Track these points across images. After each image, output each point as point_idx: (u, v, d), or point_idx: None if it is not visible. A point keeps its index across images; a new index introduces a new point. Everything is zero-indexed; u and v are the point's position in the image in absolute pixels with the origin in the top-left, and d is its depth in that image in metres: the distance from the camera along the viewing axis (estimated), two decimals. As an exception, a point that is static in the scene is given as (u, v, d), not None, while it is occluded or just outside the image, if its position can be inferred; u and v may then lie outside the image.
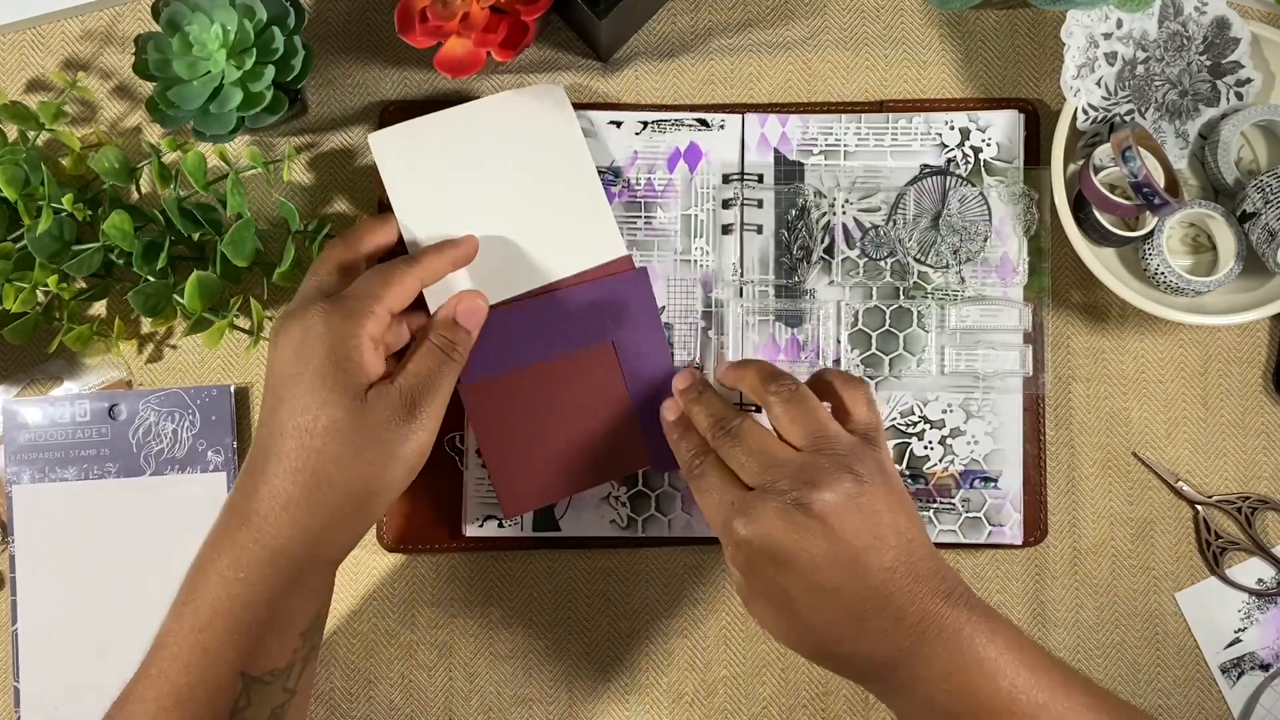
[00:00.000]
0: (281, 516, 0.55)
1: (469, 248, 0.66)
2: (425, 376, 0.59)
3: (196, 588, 0.56)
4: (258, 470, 0.56)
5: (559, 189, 0.68)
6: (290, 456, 0.56)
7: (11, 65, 0.73)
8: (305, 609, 0.57)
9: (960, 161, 0.70)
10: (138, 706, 0.54)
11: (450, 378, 0.61)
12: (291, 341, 0.57)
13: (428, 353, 0.60)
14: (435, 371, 0.60)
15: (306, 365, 0.56)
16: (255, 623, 0.55)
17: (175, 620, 0.55)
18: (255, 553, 0.55)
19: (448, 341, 0.61)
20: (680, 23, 0.73)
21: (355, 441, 0.56)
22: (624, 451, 0.67)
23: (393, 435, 0.57)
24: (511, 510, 0.67)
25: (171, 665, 0.54)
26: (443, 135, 0.68)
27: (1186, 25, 0.68)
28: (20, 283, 0.65)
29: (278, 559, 0.55)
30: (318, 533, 0.56)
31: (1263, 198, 0.66)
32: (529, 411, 0.67)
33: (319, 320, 0.57)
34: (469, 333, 0.63)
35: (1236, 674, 0.70)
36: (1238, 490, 0.71)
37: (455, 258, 0.65)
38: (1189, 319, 0.67)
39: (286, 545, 0.56)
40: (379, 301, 0.59)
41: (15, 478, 0.70)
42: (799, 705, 0.70)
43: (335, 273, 0.62)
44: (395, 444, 0.57)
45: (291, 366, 0.57)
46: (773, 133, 0.71)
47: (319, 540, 0.56)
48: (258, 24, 0.64)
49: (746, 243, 0.70)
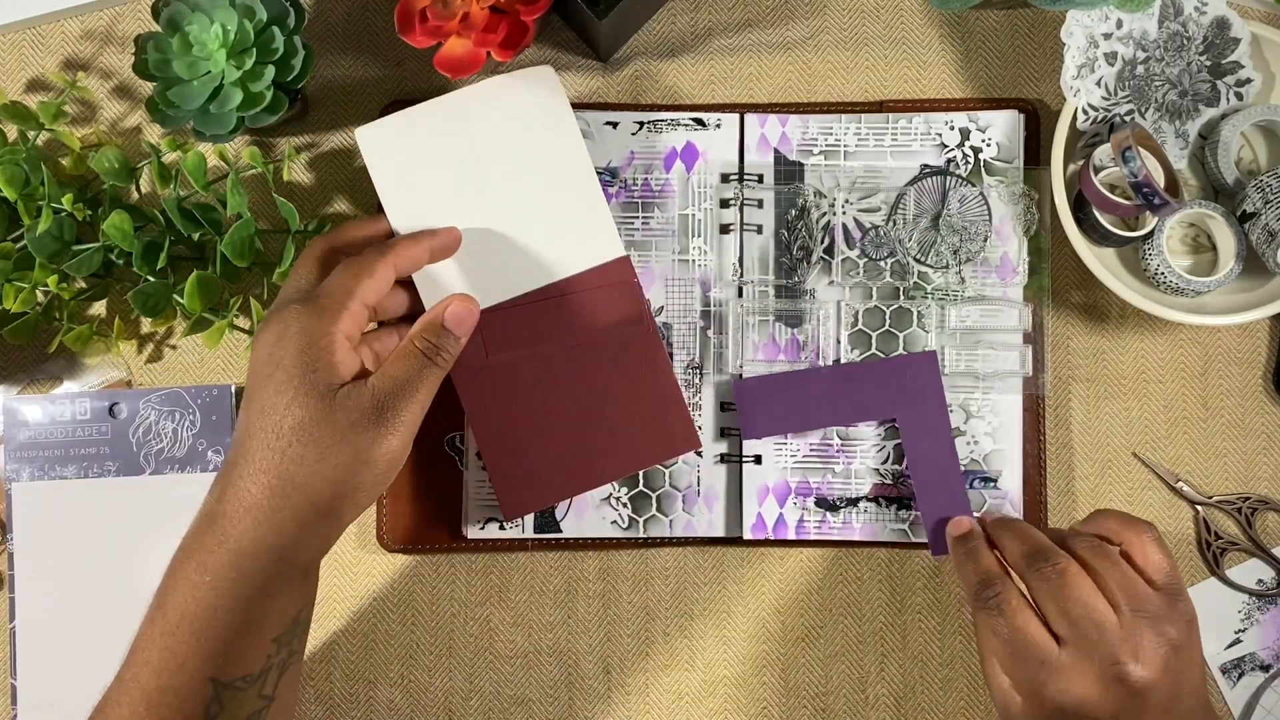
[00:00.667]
0: (246, 520, 0.54)
1: (449, 238, 0.64)
2: (402, 380, 0.57)
3: (166, 592, 0.54)
4: (226, 473, 0.55)
5: (555, 187, 0.67)
6: (256, 458, 0.54)
7: (11, 65, 0.73)
8: (278, 613, 0.56)
9: (960, 161, 0.70)
10: (113, 711, 0.54)
11: (431, 383, 0.58)
12: (267, 343, 0.56)
13: (408, 355, 0.58)
14: (414, 376, 0.58)
15: (278, 366, 0.55)
16: (222, 627, 0.53)
17: (148, 625, 0.54)
18: (221, 556, 0.54)
19: (431, 345, 0.59)
20: (680, 23, 0.73)
21: (322, 443, 0.54)
22: (625, 452, 0.67)
23: (360, 438, 0.55)
24: (512, 513, 0.67)
25: (143, 670, 0.53)
26: (433, 127, 0.67)
27: (1186, 25, 0.68)
28: (20, 283, 0.65)
29: (243, 563, 0.54)
30: (285, 536, 0.55)
31: (1263, 198, 0.66)
32: (528, 412, 0.66)
33: (293, 319, 0.56)
34: (457, 339, 0.60)
35: (1237, 674, 0.70)
36: (1238, 490, 0.71)
37: (434, 247, 0.63)
38: (1189, 319, 0.67)
39: (251, 549, 0.54)
40: (350, 296, 0.57)
41: (15, 475, 0.70)
42: (799, 705, 0.70)
43: (315, 271, 0.60)
44: (364, 447, 0.55)
45: (265, 367, 0.56)
46: (773, 133, 0.71)
47: (286, 544, 0.55)
48: (258, 24, 0.64)
49: (746, 242, 0.70)
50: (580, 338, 0.66)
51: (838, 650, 0.71)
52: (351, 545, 0.71)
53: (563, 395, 0.66)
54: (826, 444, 0.69)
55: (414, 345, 0.59)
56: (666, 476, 0.69)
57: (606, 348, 0.66)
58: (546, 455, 0.66)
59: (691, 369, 0.70)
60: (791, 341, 0.70)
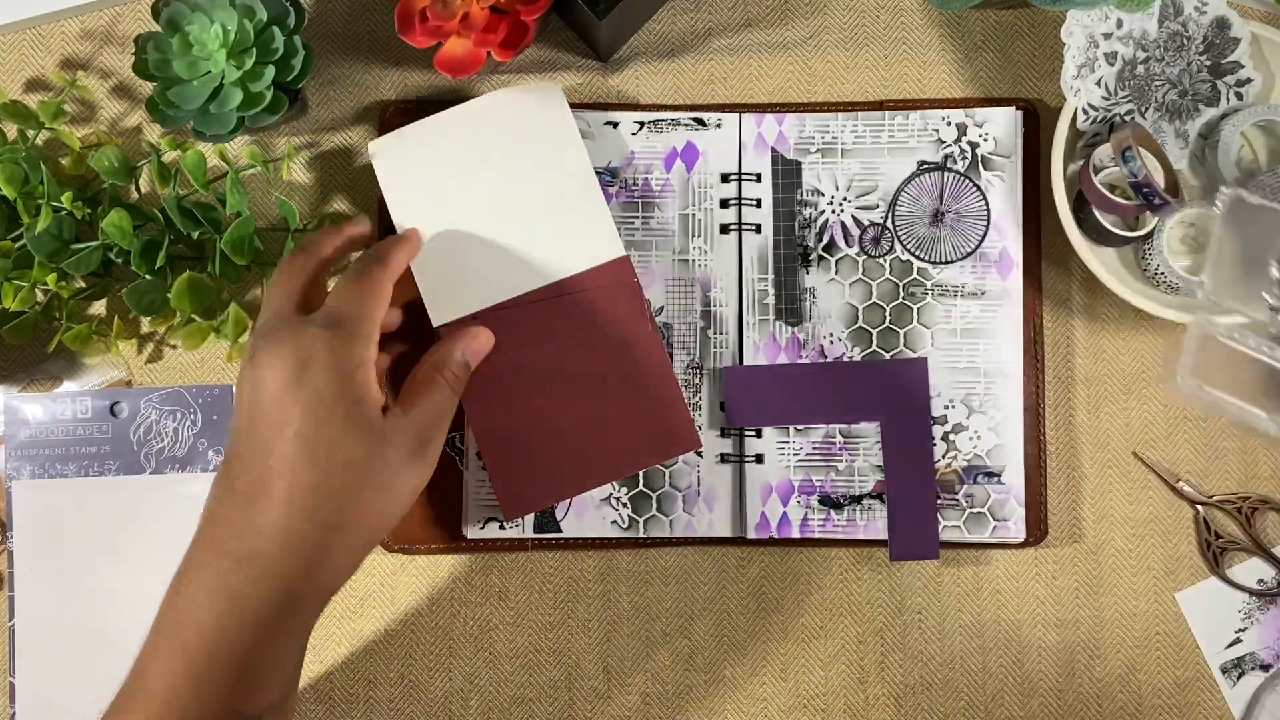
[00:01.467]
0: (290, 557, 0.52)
1: (416, 240, 0.65)
2: (437, 413, 0.58)
3: (184, 619, 0.52)
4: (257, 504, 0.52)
5: (557, 190, 0.67)
6: (298, 497, 0.52)
7: (11, 65, 0.73)
8: (300, 640, 0.55)
9: (957, 157, 0.70)
10: None
11: (453, 413, 0.60)
12: (285, 367, 0.53)
13: (438, 386, 0.59)
14: (446, 408, 0.59)
15: (316, 398, 0.53)
16: (251, 665, 0.52)
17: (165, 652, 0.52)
18: (257, 595, 0.52)
19: (457, 379, 0.60)
20: (680, 23, 0.73)
21: (376, 479, 0.54)
22: (626, 451, 0.67)
23: (409, 472, 0.55)
24: (512, 514, 0.67)
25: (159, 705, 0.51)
26: (440, 139, 0.68)
27: (1186, 25, 0.68)
28: (19, 281, 0.65)
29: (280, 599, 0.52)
30: (328, 570, 0.53)
31: (1263, 197, 0.66)
32: (528, 412, 0.67)
33: (320, 348, 0.54)
34: (471, 370, 0.62)
35: (1237, 674, 0.70)
36: (1238, 490, 0.71)
37: (410, 251, 0.64)
38: (1189, 319, 0.67)
39: (294, 586, 0.52)
40: (373, 321, 0.57)
41: (15, 473, 0.70)
42: (799, 705, 0.70)
43: (303, 283, 0.59)
44: (410, 481, 0.56)
45: (290, 394, 0.53)
46: (770, 132, 0.71)
47: (327, 577, 0.54)
48: (258, 24, 0.64)
49: (745, 242, 0.70)
50: (580, 337, 0.66)
51: (837, 650, 0.71)
52: (351, 545, 0.71)
53: (563, 395, 0.66)
54: (829, 442, 0.69)
55: (443, 377, 0.59)
56: (666, 476, 0.69)
57: (607, 347, 0.67)
58: (547, 455, 0.66)
59: (691, 369, 0.70)
60: (792, 340, 0.70)
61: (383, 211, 0.71)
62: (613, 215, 0.69)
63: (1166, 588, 0.71)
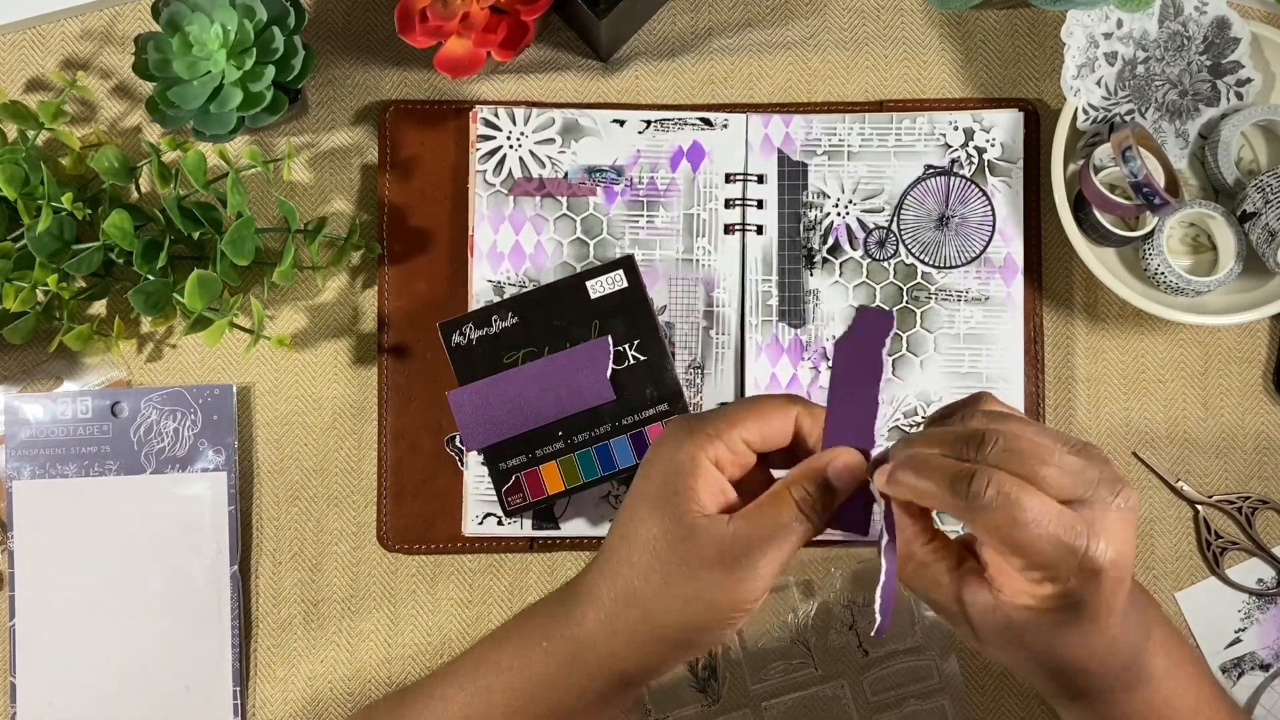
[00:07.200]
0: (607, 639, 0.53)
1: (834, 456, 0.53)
2: (768, 527, 0.51)
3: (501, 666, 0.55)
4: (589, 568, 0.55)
5: None
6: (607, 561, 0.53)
7: (11, 65, 0.73)
8: None
9: (964, 162, 0.70)
10: None
11: (799, 538, 0.51)
12: (646, 458, 0.54)
13: (779, 502, 0.51)
14: (783, 526, 0.50)
15: (646, 479, 0.53)
16: None
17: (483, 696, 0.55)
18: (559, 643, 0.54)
19: (808, 496, 0.51)
20: (680, 23, 0.73)
21: (669, 568, 0.51)
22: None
23: (708, 577, 0.50)
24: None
25: None
26: None
27: (1186, 25, 0.68)
28: (20, 282, 0.65)
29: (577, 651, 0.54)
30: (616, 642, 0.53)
31: (1263, 198, 0.66)
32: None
33: (670, 439, 0.53)
34: (837, 495, 0.52)
35: (1237, 674, 0.70)
36: (1238, 490, 0.71)
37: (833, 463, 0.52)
38: (1189, 319, 0.67)
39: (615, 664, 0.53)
40: (732, 426, 0.52)
41: (16, 473, 0.70)
42: (798, 704, 0.70)
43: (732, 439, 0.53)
44: (709, 589, 0.50)
45: (635, 484, 0.53)
46: (776, 133, 0.71)
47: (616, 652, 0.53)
48: (258, 24, 0.64)
49: (749, 242, 0.70)
50: None
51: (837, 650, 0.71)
52: (351, 545, 0.71)
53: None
54: None
55: (789, 493, 0.51)
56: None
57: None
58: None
59: (693, 369, 0.70)
60: (794, 342, 0.70)
61: (383, 211, 0.71)
62: (617, 214, 0.69)
63: (1166, 587, 0.71)
